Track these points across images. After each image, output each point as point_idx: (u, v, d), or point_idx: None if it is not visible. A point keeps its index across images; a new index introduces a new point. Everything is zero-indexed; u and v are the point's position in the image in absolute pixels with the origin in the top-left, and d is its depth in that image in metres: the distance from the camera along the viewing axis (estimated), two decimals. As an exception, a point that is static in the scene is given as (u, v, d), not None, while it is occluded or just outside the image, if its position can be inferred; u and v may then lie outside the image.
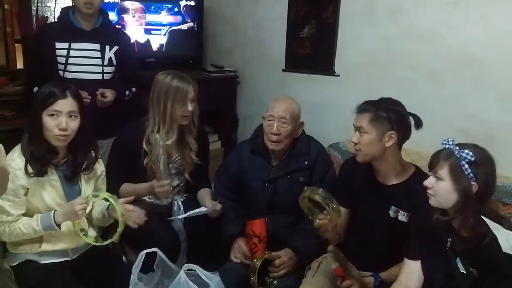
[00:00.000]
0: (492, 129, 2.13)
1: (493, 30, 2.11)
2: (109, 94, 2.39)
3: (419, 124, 1.78)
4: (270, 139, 2.09)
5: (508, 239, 1.26)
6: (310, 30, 2.93)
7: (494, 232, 1.30)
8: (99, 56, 2.43)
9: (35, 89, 2.30)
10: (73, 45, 2.38)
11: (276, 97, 2.22)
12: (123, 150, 2.19)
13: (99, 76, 2.44)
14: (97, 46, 2.42)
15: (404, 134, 1.78)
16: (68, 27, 2.39)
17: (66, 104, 1.72)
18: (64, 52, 2.37)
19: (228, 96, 3.52)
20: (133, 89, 2.59)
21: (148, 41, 3.27)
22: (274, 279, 2.00)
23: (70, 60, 2.38)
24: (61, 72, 2.40)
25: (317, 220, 1.67)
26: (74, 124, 1.75)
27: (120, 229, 1.72)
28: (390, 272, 1.82)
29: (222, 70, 3.45)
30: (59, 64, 2.38)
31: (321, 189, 1.70)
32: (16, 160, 1.73)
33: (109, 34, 2.49)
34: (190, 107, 2.11)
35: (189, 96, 2.11)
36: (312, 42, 2.92)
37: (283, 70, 3.13)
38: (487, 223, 1.30)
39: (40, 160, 1.74)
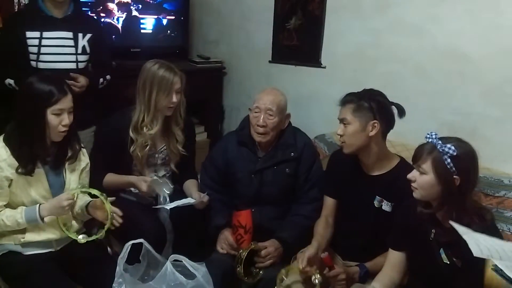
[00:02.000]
0: (476, 122, 2.17)
1: (478, 24, 2.14)
2: (82, 79, 2.30)
3: (402, 112, 1.82)
4: (257, 131, 2.10)
5: (478, 243, 1.29)
6: (297, 21, 2.92)
7: (464, 237, 1.33)
8: (73, 44, 2.34)
9: (9, 81, 2.24)
10: (45, 34, 2.27)
11: (262, 88, 2.22)
12: (109, 139, 2.17)
13: (73, 65, 2.36)
14: (69, 34, 2.33)
15: (387, 124, 1.82)
16: (38, 15, 2.28)
17: (67, 101, 1.73)
18: (36, 42, 2.26)
19: (214, 87, 3.49)
20: (108, 76, 2.51)
21: (133, 31, 3.22)
22: (260, 270, 2.01)
23: (43, 50, 2.28)
24: (33, 63, 2.29)
25: None
26: (71, 118, 1.76)
27: (107, 226, 1.73)
28: (375, 262, 1.85)
29: (208, 60, 3.43)
30: (30, 54, 2.27)
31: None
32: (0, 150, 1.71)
33: (81, 21, 2.40)
34: (174, 98, 2.09)
35: (174, 87, 2.09)
36: (299, 33, 2.92)
37: (270, 62, 3.12)
38: (456, 228, 1.35)
39: (33, 158, 1.72)
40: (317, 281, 1.68)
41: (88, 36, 2.39)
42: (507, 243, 1.33)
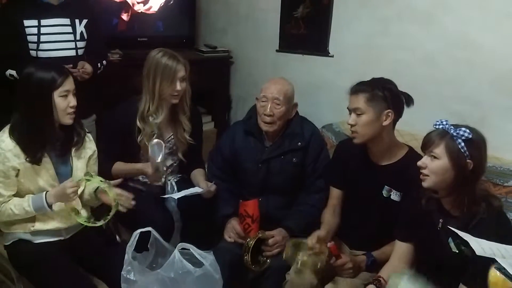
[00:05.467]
0: (485, 111, 2.14)
1: (489, 12, 2.10)
2: (88, 67, 2.30)
3: (410, 101, 1.80)
4: (264, 120, 2.09)
5: (479, 242, 1.29)
6: (304, 10, 2.89)
7: (465, 238, 1.34)
8: (71, 31, 2.31)
9: (10, 72, 2.21)
10: (43, 22, 2.22)
11: (269, 78, 2.21)
12: (116, 129, 2.18)
13: (73, 53, 2.33)
14: (67, 21, 2.29)
15: (398, 113, 1.81)
16: (34, 3, 2.23)
17: (71, 83, 1.76)
18: (35, 30, 2.21)
19: (221, 76, 3.48)
20: (104, 62, 2.49)
21: (140, 20, 3.21)
22: (267, 258, 2.02)
23: (42, 38, 2.23)
24: (33, 52, 2.24)
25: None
26: (75, 100, 1.77)
27: (112, 212, 1.74)
28: (383, 251, 1.85)
29: (215, 50, 3.41)
30: (30, 44, 2.22)
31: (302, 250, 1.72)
32: (5, 141, 1.72)
33: (77, 7, 2.35)
34: (179, 87, 2.09)
35: (178, 75, 2.08)
36: (307, 22, 2.89)
37: (277, 51, 3.10)
38: (456, 232, 1.34)
39: (42, 145, 1.73)
40: (299, 262, 1.69)
41: (85, 21, 2.36)
42: (508, 246, 1.33)
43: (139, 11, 3.17)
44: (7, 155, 1.70)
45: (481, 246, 1.26)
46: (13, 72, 2.21)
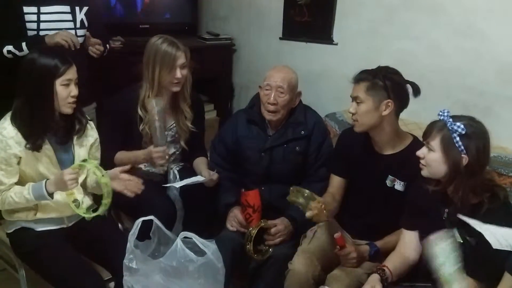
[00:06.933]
0: (491, 101, 2.13)
1: (495, 1, 2.08)
2: (98, 42, 2.28)
3: (417, 91, 1.79)
4: (267, 109, 2.07)
5: (494, 234, 1.28)
6: (308, -4, 2.86)
7: (477, 229, 1.33)
8: (71, 19, 2.27)
9: (7, 48, 2.15)
10: (43, 9, 2.18)
11: (273, 66, 2.19)
12: (117, 117, 2.16)
13: None
14: (67, 8, 2.26)
15: (401, 103, 1.79)
16: None
17: (73, 72, 1.73)
18: (34, 17, 2.18)
19: (223, 64, 3.45)
20: (107, 45, 2.47)
21: (142, 7, 3.18)
22: (269, 247, 2.02)
23: (42, 26, 2.19)
24: None
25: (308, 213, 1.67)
26: (77, 90, 1.75)
27: (105, 201, 1.69)
28: (386, 241, 1.85)
29: (217, 37, 3.38)
30: (29, 31, 2.19)
31: (305, 192, 1.71)
32: (7, 128, 1.71)
33: None
34: (179, 74, 2.07)
35: (178, 62, 2.06)
36: (311, 9, 2.86)
37: (280, 38, 3.07)
38: (467, 221, 1.33)
39: (43, 132, 1.72)
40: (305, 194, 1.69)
41: (85, 9, 2.32)
42: None
43: None
44: (9, 143, 1.69)
45: (495, 237, 1.24)
46: (10, 47, 2.16)
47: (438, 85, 2.29)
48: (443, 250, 1.43)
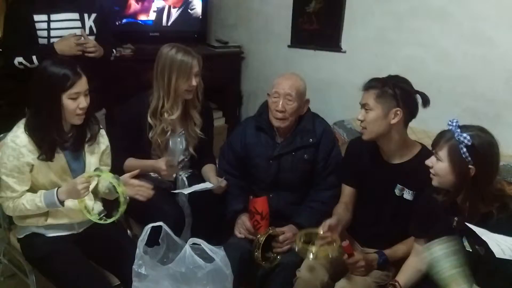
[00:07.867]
0: (500, 108, 2.12)
1: (504, 8, 2.08)
2: (89, 40, 2.26)
3: (426, 102, 1.77)
4: (275, 116, 2.08)
5: (498, 243, 1.27)
6: (317, 5, 2.88)
7: (483, 237, 1.31)
8: (80, 26, 2.29)
9: (18, 60, 2.19)
10: (53, 17, 2.22)
11: (281, 73, 2.20)
12: (127, 125, 2.18)
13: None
14: (76, 16, 2.29)
15: (410, 112, 1.78)
16: None
17: (83, 84, 1.72)
18: (45, 25, 2.21)
19: (232, 72, 3.48)
20: (114, 51, 2.50)
21: (152, 15, 3.22)
22: (277, 255, 2.02)
23: (53, 33, 2.22)
24: None
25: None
26: (88, 100, 1.75)
27: (121, 209, 1.71)
28: (394, 249, 1.84)
29: (226, 45, 3.41)
30: (40, 39, 2.22)
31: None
32: (20, 136, 1.72)
33: (86, 0, 2.34)
34: (194, 82, 2.09)
35: (193, 71, 2.08)
36: (319, 17, 2.87)
37: (289, 46, 3.09)
38: (473, 229, 1.32)
39: (51, 143, 1.73)
40: (311, 255, 1.69)
41: (94, 16, 2.35)
42: None
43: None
44: (22, 151, 1.71)
45: (500, 247, 1.24)
46: (20, 59, 2.20)
47: (447, 93, 2.29)
48: (442, 254, 1.42)
